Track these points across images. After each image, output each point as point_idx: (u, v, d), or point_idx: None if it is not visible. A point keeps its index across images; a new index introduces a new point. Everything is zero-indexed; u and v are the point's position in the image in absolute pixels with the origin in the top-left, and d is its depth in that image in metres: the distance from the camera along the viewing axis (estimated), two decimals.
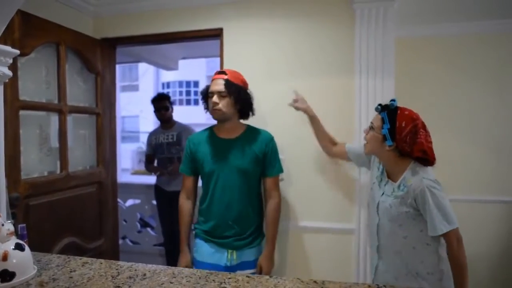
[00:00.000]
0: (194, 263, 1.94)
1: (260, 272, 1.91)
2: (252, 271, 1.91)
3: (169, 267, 1.23)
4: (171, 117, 3.44)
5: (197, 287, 1.08)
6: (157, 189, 3.43)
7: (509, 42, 2.42)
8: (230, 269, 1.85)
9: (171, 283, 1.11)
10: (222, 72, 1.90)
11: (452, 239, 1.41)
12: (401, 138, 1.46)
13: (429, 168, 1.50)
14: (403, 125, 1.46)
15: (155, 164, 3.50)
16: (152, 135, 3.51)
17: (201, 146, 1.93)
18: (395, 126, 1.47)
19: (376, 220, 1.59)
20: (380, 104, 1.55)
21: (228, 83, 1.84)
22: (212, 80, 1.88)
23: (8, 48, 1.37)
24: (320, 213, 2.20)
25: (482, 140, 2.48)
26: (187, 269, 1.21)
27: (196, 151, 1.94)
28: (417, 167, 1.48)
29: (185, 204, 1.99)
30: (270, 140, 1.96)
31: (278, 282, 1.12)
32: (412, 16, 2.41)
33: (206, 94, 1.91)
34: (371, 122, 1.58)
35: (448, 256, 1.45)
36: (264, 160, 1.93)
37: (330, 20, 2.18)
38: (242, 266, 1.89)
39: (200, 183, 2.03)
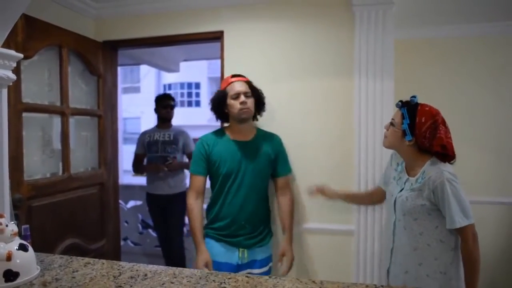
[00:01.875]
0: None
1: (288, 263, 2.01)
2: (263, 269, 1.98)
3: (170, 267, 1.25)
4: (172, 117, 3.35)
5: (197, 287, 1.09)
6: (148, 196, 3.32)
7: (507, 44, 2.44)
8: (242, 267, 1.94)
9: (172, 283, 1.12)
10: (239, 75, 2.01)
11: (468, 234, 1.41)
12: (421, 133, 1.47)
13: (448, 164, 1.51)
14: (423, 120, 1.47)
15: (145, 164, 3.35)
16: (145, 133, 3.34)
17: (216, 147, 1.98)
18: (415, 122, 1.48)
19: (393, 218, 1.59)
20: (401, 101, 1.56)
21: (250, 84, 1.99)
22: (230, 83, 1.97)
23: (12, 52, 1.39)
24: (320, 214, 2.21)
25: (482, 141, 2.49)
26: (187, 269, 1.23)
27: (211, 152, 1.97)
28: (437, 161, 1.49)
29: (195, 204, 1.98)
30: (280, 142, 2.10)
31: (277, 282, 1.13)
32: (411, 19, 2.43)
33: (224, 98, 1.96)
34: (392, 118, 1.59)
35: (461, 252, 1.45)
36: (276, 161, 2.04)
37: (330, 22, 2.19)
38: (253, 264, 1.96)
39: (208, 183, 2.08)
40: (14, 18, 1.34)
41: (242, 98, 1.92)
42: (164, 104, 3.29)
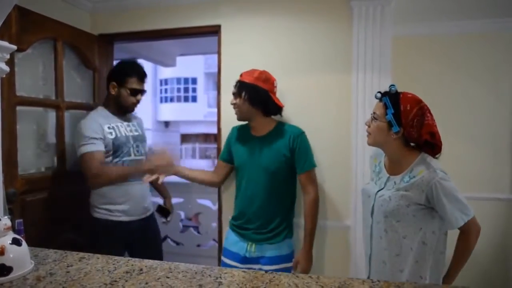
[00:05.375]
0: (223, 250, 2.10)
1: (296, 268, 1.96)
2: (273, 267, 1.92)
3: (166, 262, 1.24)
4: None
5: (193, 282, 1.09)
6: (106, 227, 2.09)
7: (505, 41, 2.44)
8: (250, 260, 1.95)
9: (167, 277, 1.12)
10: (241, 74, 2.00)
11: (471, 229, 1.37)
12: (408, 122, 1.36)
13: (436, 161, 1.41)
14: (408, 108, 1.36)
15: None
16: (100, 123, 2.07)
17: (238, 139, 2.08)
18: (399, 110, 1.36)
19: (369, 222, 1.49)
20: (379, 92, 1.45)
21: (239, 84, 1.95)
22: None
23: (5, 44, 1.36)
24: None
25: (479, 138, 2.49)
26: (183, 264, 1.22)
27: (231, 143, 2.10)
28: (427, 158, 1.39)
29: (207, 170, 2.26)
30: (298, 135, 1.96)
31: (274, 277, 1.13)
32: (409, 14, 2.42)
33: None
34: (373, 112, 1.46)
35: (459, 244, 1.41)
36: (293, 156, 1.95)
37: (327, 17, 2.18)
38: (262, 260, 1.95)
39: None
40: (7, 9, 1.32)
41: (231, 99, 1.98)
42: (136, 90, 2.15)
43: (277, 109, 2.00)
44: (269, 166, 1.94)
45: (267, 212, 1.96)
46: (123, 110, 2.20)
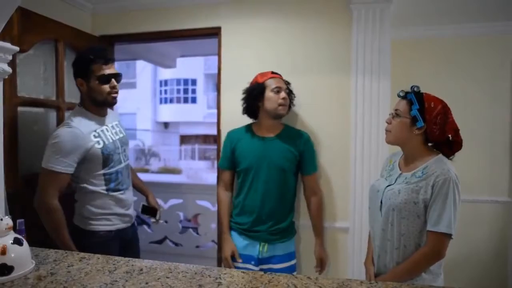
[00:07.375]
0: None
1: (321, 264, 2.08)
2: (283, 265, 1.99)
3: (165, 262, 1.25)
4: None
5: (193, 282, 1.10)
6: (98, 238, 1.82)
7: (502, 44, 2.46)
8: (262, 261, 1.99)
9: (167, 278, 1.13)
10: (276, 73, 2.05)
11: (435, 247, 1.34)
12: (431, 119, 1.38)
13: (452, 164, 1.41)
14: (432, 105, 1.39)
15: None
16: (83, 132, 1.74)
17: (240, 142, 2.06)
18: (423, 107, 1.39)
19: (379, 217, 1.47)
20: (402, 90, 1.48)
21: (287, 84, 2.04)
22: (270, 78, 2.00)
23: (8, 45, 1.38)
24: None
25: (476, 141, 2.51)
26: (183, 264, 1.23)
27: (236, 147, 2.06)
28: (444, 159, 1.41)
29: (224, 194, 2.12)
30: (307, 139, 2.08)
31: (273, 277, 1.14)
32: (408, 18, 2.44)
33: (262, 91, 1.97)
34: (395, 109, 1.47)
35: (420, 252, 1.37)
36: (302, 159, 2.04)
37: (327, 20, 2.20)
38: (274, 259, 1.99)
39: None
40: (10, 11, 1.33)
41: (283, 94, 1.96)
42: (108, 75, 1.79)
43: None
44: (283, 165, 1.98)
45: (279, 211, 2.01)
46: (103, 105, 1.86)
